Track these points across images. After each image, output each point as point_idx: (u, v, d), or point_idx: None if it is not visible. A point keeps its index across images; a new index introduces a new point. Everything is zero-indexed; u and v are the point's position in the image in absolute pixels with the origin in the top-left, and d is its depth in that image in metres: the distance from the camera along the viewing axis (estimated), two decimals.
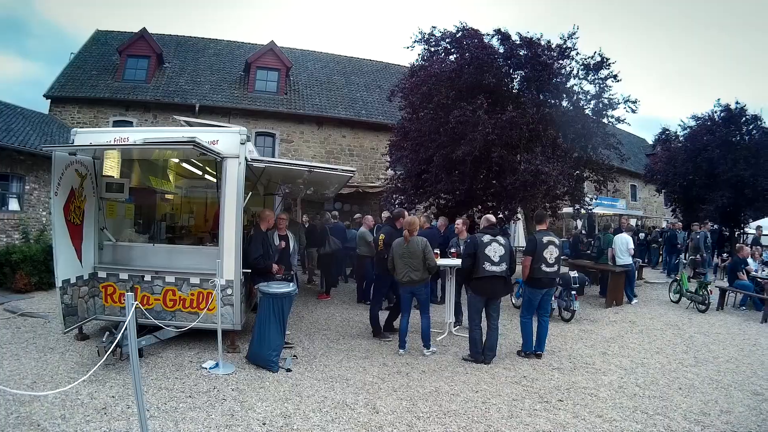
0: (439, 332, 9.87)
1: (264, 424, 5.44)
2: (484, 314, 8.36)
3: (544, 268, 8.34)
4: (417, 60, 17.45)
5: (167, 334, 7.88)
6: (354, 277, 15.39)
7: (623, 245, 14.11)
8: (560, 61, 16.44)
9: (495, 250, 8.07)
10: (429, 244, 8.44)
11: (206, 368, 7.10)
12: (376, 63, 32.70)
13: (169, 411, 5.63)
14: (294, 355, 8.00)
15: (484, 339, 8.29)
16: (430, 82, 15.64)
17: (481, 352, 8.15)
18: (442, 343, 9.31)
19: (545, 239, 8.42)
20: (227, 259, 7.86)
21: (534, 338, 8.61)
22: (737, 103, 26.48)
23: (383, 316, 10.02)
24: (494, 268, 8.03)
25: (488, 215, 9.25)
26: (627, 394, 6.95)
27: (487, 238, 8.14)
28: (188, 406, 5.80)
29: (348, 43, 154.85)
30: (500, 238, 8.26)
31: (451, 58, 16.49)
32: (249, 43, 30.15)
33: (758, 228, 23.07)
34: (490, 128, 14.06)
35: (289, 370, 7.23)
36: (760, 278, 14.36)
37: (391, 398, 6.38)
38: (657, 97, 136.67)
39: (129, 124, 23.13)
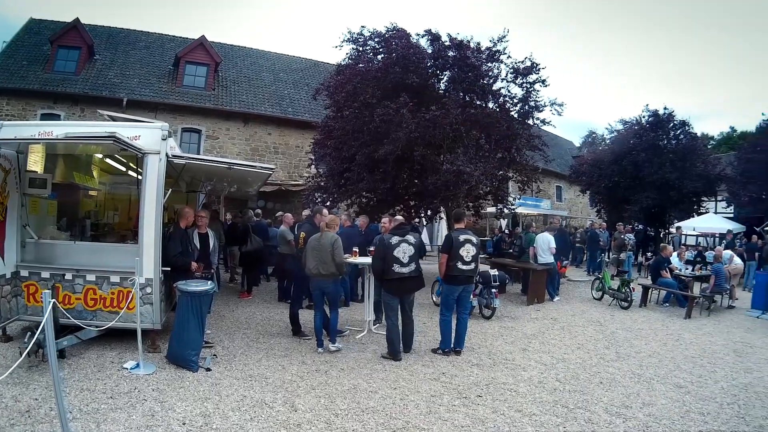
0: (359, 330, 9.84)
1: (184, 423, 5.35)
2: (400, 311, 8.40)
3: (460, 266, 8.33)
4: (345, 59, 17.40)
5: (89, 334, 7.61)
6: (275, 275, 15.21)
7: (545, 244, 14.26)
8: (489, 64, 16.62)
9: (404, 251, 8.12)
10: (340, 241, 8.45)
11: (127, 369, 6.91)
12: (305, 61, 32.51)
13: (91, 412, 5.48)
14: (214, 355, 7.86)
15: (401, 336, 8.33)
16: (356, 81, 15.60)
17: (399, 348, 8.17)
18: (361, 341, 9.29)
19: (462, 237, 8.43)
20: (146, 257, 7.68)
21: (453, 335, 8.61)
22: (665, 108, 27.54)
23: (305, 315, 9.93)
24: (403, 270, 8.09)
25: (397, 216, 9.31)
26: (547, 389, 6.99)
27: (395, 239, 8.17)
28: (110, 407, 5.66)
29: (279, 40, 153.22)
30: (410, 238, 8.31)
31: (379, 57, 16.48)
32: (180, 37, 29.41)
33: (678, 228, 23.92)
34: (413, 127, 14.08)
35: (209, 370, 7.10)
36: (684, 276, 14.78)
37: (309, 396, 6.33)
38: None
39: (57, 117, 22.15)
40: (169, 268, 8.06)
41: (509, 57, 16.82)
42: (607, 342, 10.09)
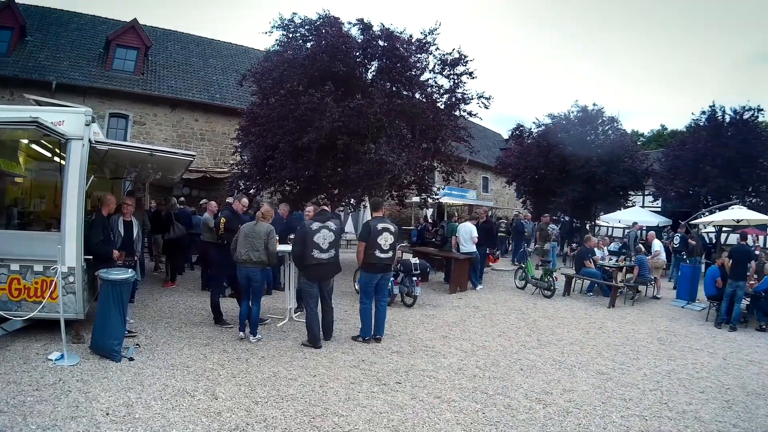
0: (281, 318, 9.83)
1: (107, 414, 5.30)
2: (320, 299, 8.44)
3: (378, 254, 8.42)
4: (274, 45, 17.24)
5: (14, 325, 7.58)
6: (199, 264, 14.99)
7: (467, 234, 14.36)
8: (418, 55, 16.69)
9: (324, 237, 8.13)
10: (275, 232, 8.52)
11: (52, 360, 6.76)
12: (236, 47, 32.07)
13: (17, 405, 5.39)
14: (137, 344, 7.71)
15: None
16: (283, 68, 15.42)
17: (319, 336, 8.21)
18: (282, 329, 9.26)
19: (380, 226, 8.52)
20: (69, 246, 7.48)
21: (373, 323, 8.69)
22: (594, 104, 28.13)
23: (227, 303, 9.97)
24: (323, 256, 8.12)
25: (318, 202, 9.39)
26: (467, 376, 7.09)
27: (316, 225, 8.18)
28: (36, 399, 5.57)
29: (211, 24, 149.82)
30: (330, 224, 8.31)
31: (308, 45, 16.32)
32: (113, 20, 28.29)
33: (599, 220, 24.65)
34: (336, 116, 14.04)
35: (131, 359, 7.01)
36: (607, 266, 15.13)
37: (230, 384, 6.34)
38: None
39: None
40: (91, 257, 7.91)
41: (438, 49, 16.93)
42: (528, 330, 10.28)
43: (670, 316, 13.02)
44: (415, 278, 11.62)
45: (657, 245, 17.33)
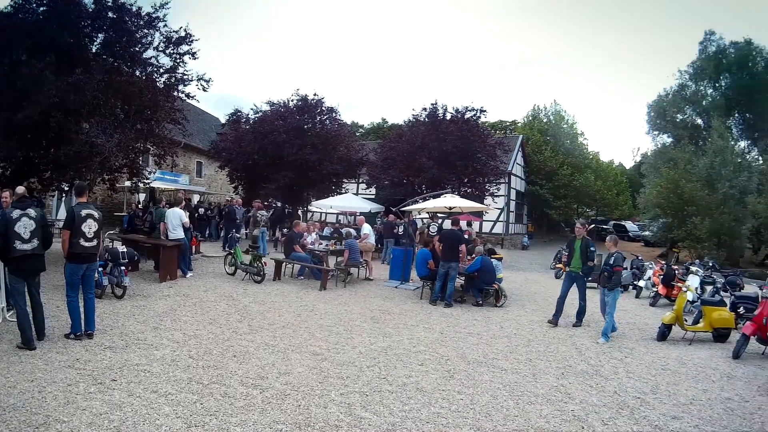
0: None
1: None
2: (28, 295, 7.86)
3: (83, 242, 8.05)
4: (7, 7, 15.26)
5: None
6: None
7: (176, 219, 14.19)
8: (145, 30, 16.17)
9: (26, 226, 7.60)
10: None
11: None
12: None
13: None
14: None
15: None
16: (6, 34, 14.07)
17: (32, 336, 7.63)
18: None
19: (84, 212, 8.10)
20: None
21: (83, 318, 8.28)
22: (315, 94, 29.01)
23: None
24: (25, 246, 7.57)
25: (19, 187, 8.80)
26: (181, 367, 7.08)
27: (16, 213, 7.60)
28: None
29: None
30: (31, 211, 7.78)
31: (40, 10, 14.93)
32: None
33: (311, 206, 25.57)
34: (54, 91, 13.16)
35: None
36: (317, 251, 15.82)
37: None
38: None
39: None
40: None
41: (166, 26, 16.53)
42: (240, 316, 10.43)
43: (383, 296, 13.91)
44: (123, 267, 11.22)
45: (366, 229, 18.32)
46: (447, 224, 18.65)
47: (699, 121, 40.46)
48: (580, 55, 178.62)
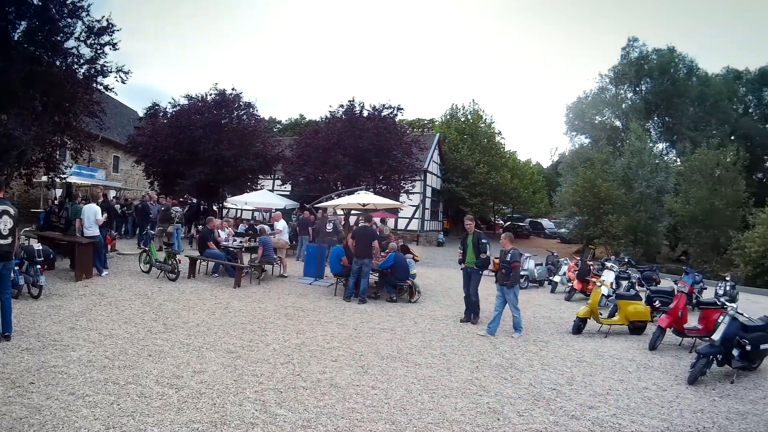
0: None
1: None
2: None
3: None
4: None
5: None
6: None
7: (92, 216, 14.00)
8: (68, 19, 15.77)
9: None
10: None
11: None
12: None
13: None
14: None
15: None
16: None
17: None
18: None
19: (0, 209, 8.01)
20: None
21: (0, 320, 8.13)
22: (233, 89, 28.80)
23: None
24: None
25: None
26: (97, 367, 7.04)
27: None
28: None
29: None
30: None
31: None
32: None
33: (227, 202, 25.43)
34: None
35: None
36: (231, 247, 15.88)
37: None
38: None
39: None
40: None
41: (89, 15, 16.15)
42: (154, 314, 10.41)
43: (297, 292, 14.02)
44: (39, 266, 11.01)
45: (280, 225, 18.52)
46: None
47: (618, 123, 42.27)
48: (502, 55, 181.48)
